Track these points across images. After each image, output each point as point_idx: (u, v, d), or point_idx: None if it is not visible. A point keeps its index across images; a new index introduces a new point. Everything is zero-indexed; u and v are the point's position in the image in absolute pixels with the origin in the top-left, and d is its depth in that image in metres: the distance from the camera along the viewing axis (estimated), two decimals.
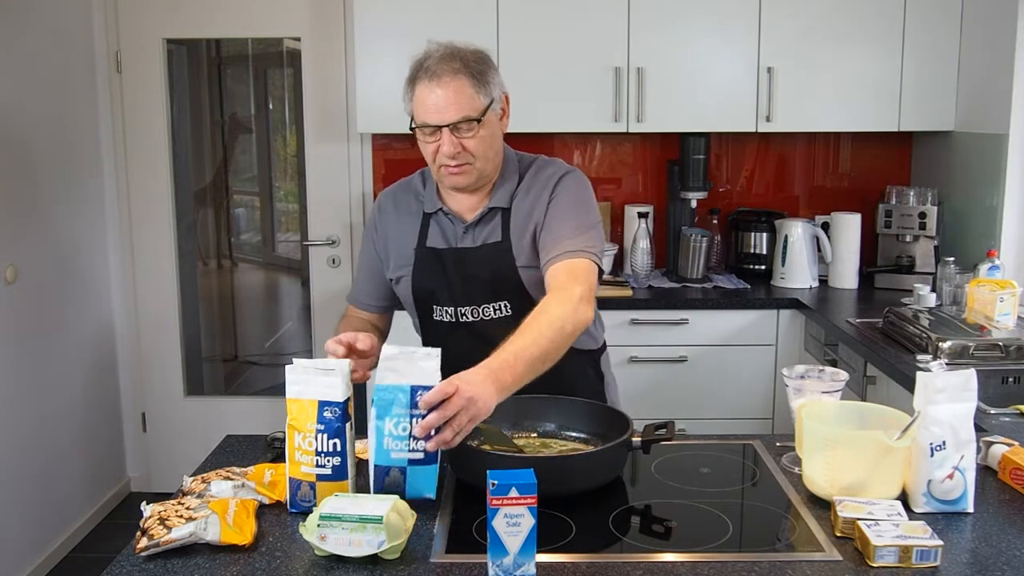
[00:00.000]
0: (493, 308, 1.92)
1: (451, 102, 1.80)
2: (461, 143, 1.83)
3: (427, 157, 1.89)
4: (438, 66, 1.80)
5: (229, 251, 4.38)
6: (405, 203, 2.03)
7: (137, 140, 3.98)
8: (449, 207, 1.96)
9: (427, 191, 2.01)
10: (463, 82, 1.80)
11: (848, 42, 3.52)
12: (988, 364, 2.46)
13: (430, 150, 1.86)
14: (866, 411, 1.68)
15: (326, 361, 1.53)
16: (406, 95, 1.86)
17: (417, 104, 1.83)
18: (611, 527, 1.53)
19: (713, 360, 3.41)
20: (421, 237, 1.97)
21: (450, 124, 1.81)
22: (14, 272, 3.30)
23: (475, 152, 1.85)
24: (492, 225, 1.93)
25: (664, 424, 1.70)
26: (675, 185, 3.78)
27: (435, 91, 1.79)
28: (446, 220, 1.96)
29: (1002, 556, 1.40)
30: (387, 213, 2.04)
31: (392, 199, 2.06)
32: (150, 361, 4.12)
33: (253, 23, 3.93)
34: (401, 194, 2.06)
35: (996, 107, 3.24)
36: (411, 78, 1.84)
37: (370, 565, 1.37)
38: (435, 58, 1.82)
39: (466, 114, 1.81)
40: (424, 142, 1.86)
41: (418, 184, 2.05)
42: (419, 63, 1.84)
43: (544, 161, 1.99)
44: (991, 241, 3.27)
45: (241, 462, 1.76)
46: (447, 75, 1.79)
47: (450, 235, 1.95)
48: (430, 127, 1.82)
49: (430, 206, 1.98)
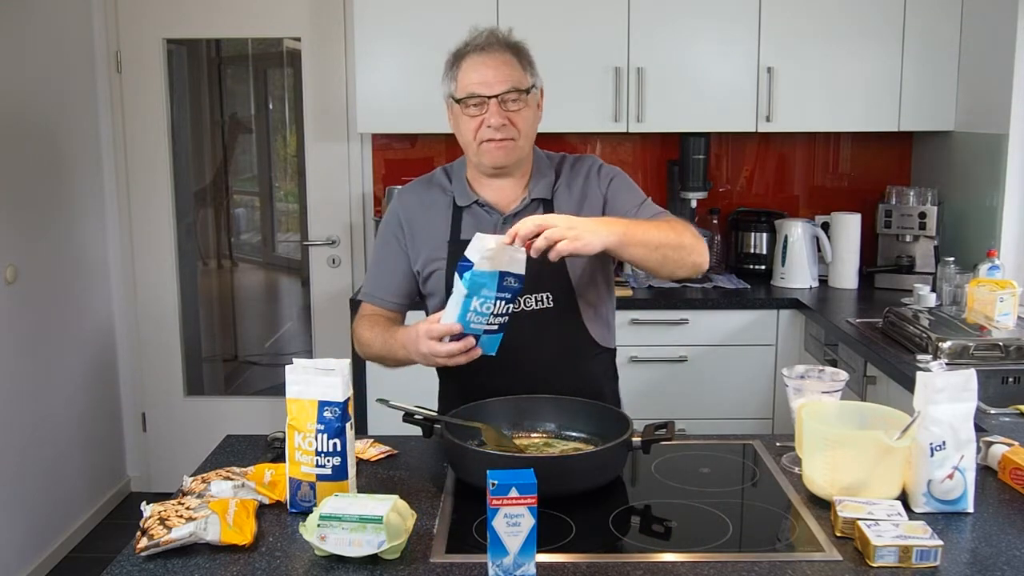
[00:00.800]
0: (535, 299, 1.91)
1: (500, 73, 1.84)
2: (508, 116, 1.84)
3: (467, 134, 1.89)
4: (485, 41, 1.87)
5: (229, 251, 4.38)
6: (430, 198, 2.01)
7: (137, 140, 3.98)
8: (485, 199, 1.95)
9: (455, 185, 2.00)
10: (511, 57, 1.87)
11: (848, 42, 3.52)
12: (988, 364, 2.46)
13: (473, 124, 1.86)
14: (866, 411, 1.68)
15: (326, 361, 1.53)
16: (448, 75, 1.89)
17: (463, 78, 1.86)
18: (611, 527, 1.53)
19: (713, 360, 3.41)
20: (454, 230, 1.95)
21: (499, 95, 1.83)
22: (14, 272, 3.30)
23: (519, 127, 1.87)
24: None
25: (664, 424, 1.70)
26: (675, 185, 3.78)
27: (485, 62, 1.85)
28: (482, 212, 1.95)
29: (1002, 556, 1.40)
30: (412, 209, 2.02)
31: (415, 195, 2.04)
32: (150, 361, 4.12)
33: (253, 23, 3.93)
34: (424, 190, 2.04)
35: (996, 107, 3.24)
36: (456, 56, 1.89)
37: (370, 565, 1.37)
38: (482, 36, 1.88)
39: (515, 84, 1.85)
40: (467, 116, 1.86)
41: (442, 179, 2.03)
42: (463, 44, 1.89)
43: (573, 157, 2.03)
44: (991, 241, 3.27)
45: (241, 462, 1.76)
46: (496, 49, 1.86)
47: (486, 226, 1.93)
48: (477, 97, 1.84)
49: (463, 199, 1.96)
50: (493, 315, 1.67)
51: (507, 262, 1.65)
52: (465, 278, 1.64)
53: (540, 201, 1.95)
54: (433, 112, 3.52)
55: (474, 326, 1.68)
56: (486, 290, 1.64)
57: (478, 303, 1.65)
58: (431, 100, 3.49)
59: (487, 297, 1.65)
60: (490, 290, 1.65)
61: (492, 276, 1.64)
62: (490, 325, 1.69)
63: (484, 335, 1.70)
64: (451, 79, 1.89)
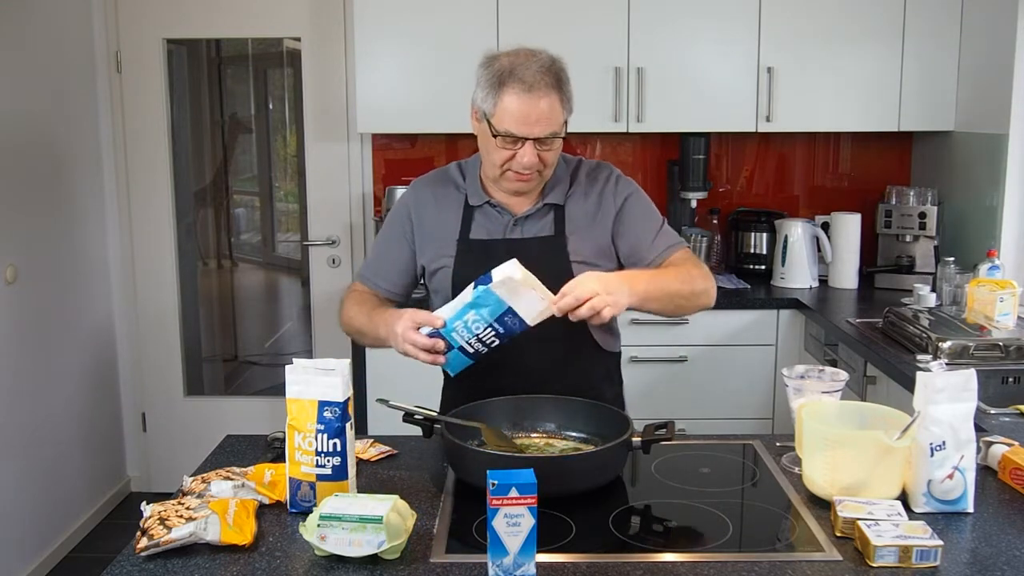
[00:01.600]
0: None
1: (543, 117, 1.79)
2: (540, 154, 1.82)
3: (494, 158, 1.85)
4: (533, 78, 1.77)
5: (229, 251, 4.38)
6: (444, 194, 2.01)
7: (137, 140, 3.98)
8: (497, 199, 1.95)
9: (469, 183, 1.99)
10: (554, 98, 1.79)
11: (848, 42, 3.52)
12: (988, 364, 2.46)
13: (502, 156, 1.83)
14: (866, 411, 1.68)
15: (326, 361, 1.53)
16: (488, 95, 1.81)
17: (502, 110, 1.79)
18: (611, 527, 1.53)
19: (713, 360, 3.41)
20: (464, 229, 1.95)
21: (536, 138, 1.80)
22: (14, 272, 3.30)
23: (548, 163, 1.86)
24: (544, 220, 1.94)
25: (664, 424, 1.70)
26: (675, 185, 3.78)
27: (528, 103, 1.77)
28: (493, 212, 1.95)
29: (1002, 556, 1.40)
30: (425, 204, 2.01)
31: (430, 190, 2.02)
32: (150, 361, 4.12)
33: (253, 23, 3.93)
34: (439, 185, 2.02)
35: (996, 107, 3.24)
36: (499, 78, 1.79)
37: (370, 565, 1.37)
38: (528, 68, 1.78)
39: (554, 130, 1.81)
40: (499, 147, 1.83)
41: (456, 176, 2.02)
42: (507, 68, 1.79)
43: (590, 163, 2.02)
44: (991, 241, 3.27)
45: (241, 462, 1.76)
46: (541, 89, 1.78)
47: (496, 227, 1.94)
48: (514, 137, 1.80)
49: (476, 198, 1.96)
50: (477, 338, 1.68)
51: (522, 304, 1.64)
52: (477, 289, 1.64)
53: (552, 207, 1.94)
54: (433, 112, 3.57)
55: (455, 335, 1.69)
56: (486, 311, 1.65)
57: (472, 317, 1.66)
58: (431, 100, 3.56)
59: (482, 318, 1.66)
60: (489, 315, 1.65)
61: (499, 304, 1.64)
62: (468, 345, 1.69)
63: (458, 350, 1.70)
64: (490, 99, 1.81)
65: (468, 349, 1.70)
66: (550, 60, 1.82)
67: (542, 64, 1.80)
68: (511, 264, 1.65)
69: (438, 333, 1.69)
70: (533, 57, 1.81)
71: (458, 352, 1.71)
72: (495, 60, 1.83)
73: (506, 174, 1.87)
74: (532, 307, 1.65)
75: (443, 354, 1.71)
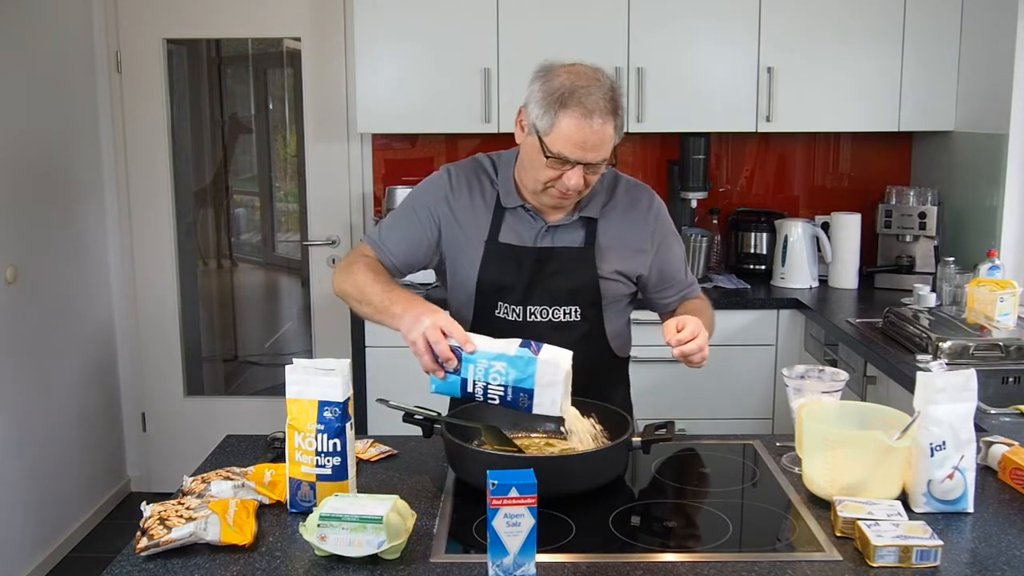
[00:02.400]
0: (564, 312, 1.91)
1: (599, 144, 1.75)
2: (586, 177, 1.80)
3: (538, 175, 1.81)
4: (595, 104, 1.73)
5: (229, 251, 4.38)
6: (479, 188, 1.95)
7: (137, 140, 3.98)
8: (531, 203, 1.91)
9: (502, 181, 1.94)
10: (611, 126, 1.76)
11: (848, 42, 3.52)
12: (988, 364, 2.46)
13: (549, 175, 1.79)
14: (866, 411, 1.68)
15: (326, 361, 1.53)
16: (545, 114, 1.75)
17: (558, 131, 1.74)
18: (611, 527, 1.53)
19: (713, 360, 3.36)
20: (493, 230, 1.92)
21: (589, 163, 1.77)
22: (14, 272, 3.30)
23: (591, 185, 1.84)
24: (576, 232, 1.92)
25: (664, 424, 1.70)
26: (675, 185, 3.78)
27: (586, 130, 1.73)
28: (527, 216, 1.92)
29: (1002, 556, 1.40)
30: (461, 195, 1.95)
31: (466, 181, 1.96)
32: (150, 361, 4.12)
33: (253, 23, 3.93)
34: (475, 177, 1.96)
35: (996, 107, 3.24)
36: (559, 101, 1.73)
37: (370, 565, 1.37)
38: (591, 92, 1.74)
39: (604, 157, 1.78)
40: (547, 167, 1.78)
41: (490, 170, 1.97)
42: (568, 89, 1.73)
43: (628, 180, 2.00)
44: (991, 241, 3.27)
45: (241, 462, 1.76)
46: (601, 116, 1.73)
47: (528, 232, 1.91)
48: (566, 159, 1.76)
49: (509, 200, 1.92)
50: (486, 386, 1.63)
51: (545, 394, 1.61)
52: (522, 350, 1.61)
53: (587, 220, 1.92)
54: (433, 112, 3.57)
55: (471, 368, 1.63)
56: (514, 374, 1.61)
57: (499, 368, 1.62)
58: (431, 100, 3.56)
59: (505, 377, 1.62)
60: (513, 380, 1.61)
61: (528, 379, 1.61)
62: (473, 383, 1.64)
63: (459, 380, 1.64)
64: (547, 118, 1.75)
65: (469, 387, 1.64)
66: (611, 85, 1.78)
67: (604, 90, 1.75)
68: (566, 355, 1.62)
69: (457, 353, 1.65)
70: (596, 81, 1.76)
71: (458, 381, 1.65)
72: (553, 76, 1.77)
73: (548, 191, 1.83)
74: (549, 403, 1.62)
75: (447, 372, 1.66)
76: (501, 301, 1.92)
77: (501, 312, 1.92)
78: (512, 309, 1.91)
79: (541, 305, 1.91)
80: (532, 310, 1.91)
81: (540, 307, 1.91)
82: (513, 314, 1.91)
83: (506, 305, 1.92)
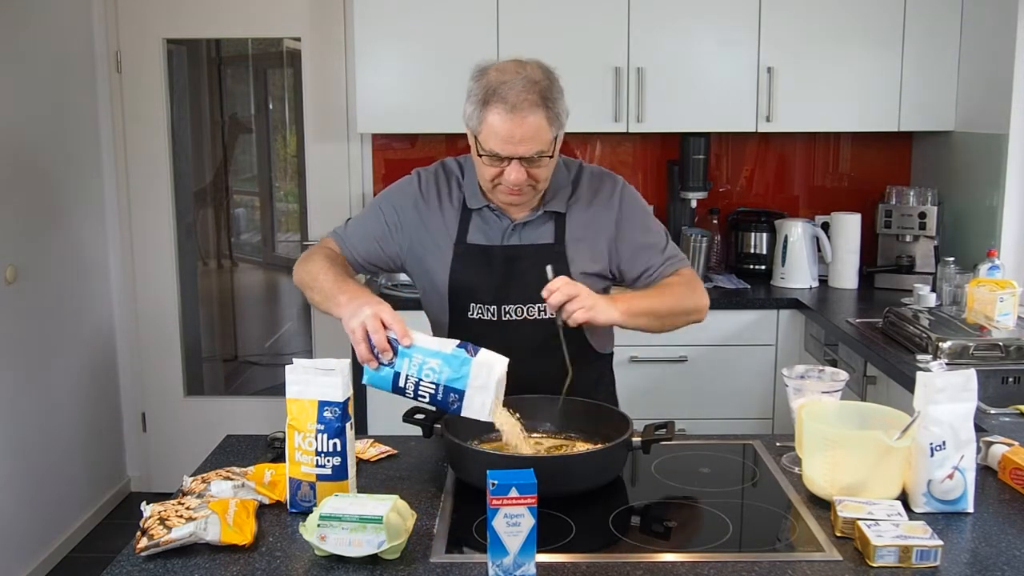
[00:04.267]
0: (538, 309, 1.90)
1: (526, 137, 1.75)
2: (529, 171, 1.79)
3: (482, 174, 1.84)
4: (516, 97, 1.73)
5: (229, 251, 4.38)
6: (447, 192, 1.97)
7: (137, 140, 3.98)
8: (496, 203, 1.92)
9: (467, 183, 1.95)
10: (539, 116, 1.75)
11: (848, 42, 3.52)
12: (988, 364, 2.46)
13: (490, 172, 1.81)
14: (866, 411, 1.68)
15: (326, 361, 1.54)
16: (474, 112, 1.78)
17: (487, 130, 1.76)
18: (611, 527, 1.53)
19: (713, 360, 3.40)
20: (461, 232, 1.93)
21: (522, 157, 1.77)
22: (14, 272, 3.30)
23: (539, 179, 1.83)
24: (544, 227, 1.92)
25: (664, 424, 1.70)
26: (675, 185, 3.78)
27: (511, 123, 1.74)
28: (492, 216, 1.92)
29: (1002, 556, 1.40)
30: (430, 199, 1.97)
31: (435, 185, 1.98)
32: (150, 361, 4.12)
33: (253, 23, 3.93)
34: (443, 182, 1.98)
35: (996, 107, 3.24)
36: (483, 99, 1.76)
37: (370, 565, 1.37)
38: (512, 86, 1.74)
39: (540, 149, 1.77)
40: (485, 165, 1.81)
41: (457, 173, 1.99)
42: (491, 85, 1.75)
43: (592, 170, 1.99)
44: (991, 241, 3.27)
45: (241, 462, 1.76)
46: (524, 109, 1.73)
47: (495, 231, 1.92)
48: (497, 155, 1.77)
49: (474, 202, 1.93)
50: (417, 382, 1.60)
51: (475, 398, 1.59)
52: (458, 351, 1.60)
53: (553, 214, 1.93)
54: (433, 112, 3.57)
55: (404, 362, 1.61)
56: (447, 373, 1.59)
57: (433, 365, 1.60)
58: (431, 100, 3.55)
59: (437, 375, 1.60)
60: (445, 378, 1.60)
61: (460, 380, 1.59)
62: (405, 379, 1.61)
63: (392, 374, 1.62)
64: (475, 117, 1.79)
65: (401, 382, 1.62)
66: (537, 76, 1.77)
67: (528, 82, 1.75)
68: (503, 362, 1.61)
69: (394, 346, 1.63)
70: (519, 74, 1.76)
71: (391, 375, 1.62)
72: (484, 75, 1.80)
73: (497, 188, 1.84)
74: (478, 406, 1.60)
75: (381, 364, 1.63)
76: (474, 302, 1.92)
77: (475, 313, 1.92)
78: (487, 309, 1.92)
79: (516, 304, 1.91)
80: (507, 309, 1.91)
81: (515, 306, 1.91)
82: (488, 314, 1.92)
83: (480, 306, 1.92)
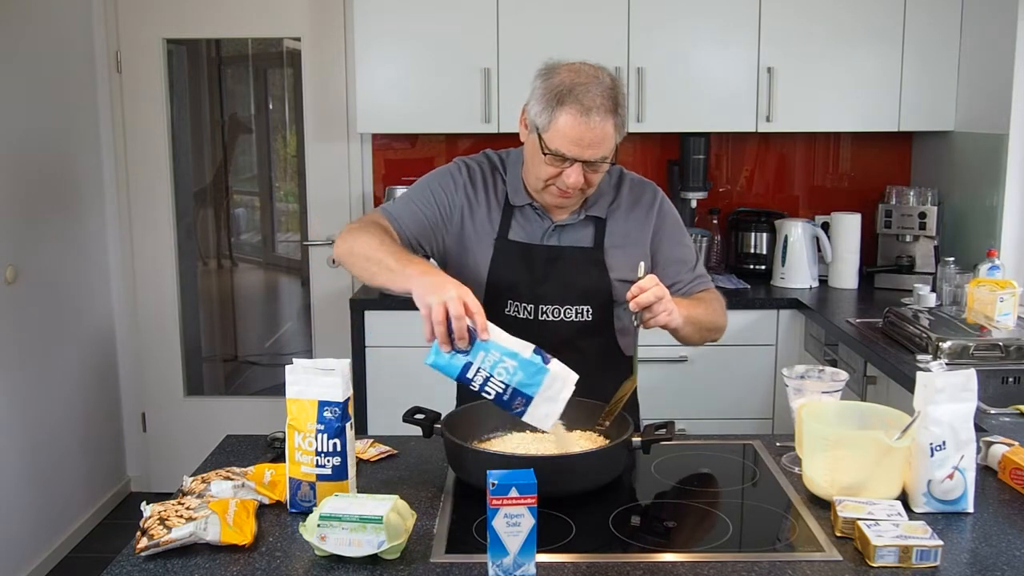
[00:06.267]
0: (576, 311, 1.91)
1: (596, 142, 1.75)
2: (587, 175, 1.80)
3: (538, 173, 1.82)
4: (592, 101, 1.72)
5: (229, 251, 4.38)
6: (492, 185, 1.95)
7: (137, 140, 3.98)
8: (540, 203, 1.91)
9: (511, 179, 1.95)
10: (610, 124, 1.75)
11: (848, 42, 3.52)
12: (988, 364, 2.46)
13: (548, 172, 1.79)
14: (866, 411, 1.68)
15: (326, 361, 1.53)
16: (544, 110, 1.76)
17: (557, 130, 1.74)
18: (611, 527, 1.53)
19: (713, 360, 3.40)
20: (503, 228, 1.93)
21: (587, 161, 1.77)
22: (14, 272, 3.30)
23: (592, 184, 1.83)
24: (584, 231, 1.92)
25: (664, 424, 1.70)
26: (675, 185, 3.78)
27: (583, 126, 1.73)
28: (534, 215, 1.92)
29: (1002, 556, 1.40)
30: (477, 189, 1.95)
31: (481, 175, 1.96)
32: (150, 361, 4.12)
33: (253, 23, 3.93)
34: (488, 175, 1.96)
35: (996, 107, 3.24)
36: (558, 95, 1.74)
37: (370, 565, 1.37)
38: (588, 89, 1.73)
39: (604, 155, 1.78)
40: (546, 164, 1.79)
41: (500, 167, 1.98)
42: (567, 86, 1.74)
43: (633, 178, 2.00)
44: (991, 241, 3.27)
45: (241, 462, 1.76)
46: (599, 114, 1.73)
47: (535, 230, 1.92)
48: (564, 156, 1.76)
49: (517, 198, 1.93)
50: (487, 377, 1.59)
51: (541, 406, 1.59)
52: (535, 357, 1.59)
53: (593, 219, 1.93)
54: (433, 112, 3.57)
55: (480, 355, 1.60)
56: (520, 376, 1.58)
57: (508, 365, 1.59)
58: (431, 100, 3.56)
59: (510, 375, 1.59)
60: (517, 381, 1.59)
61: (532, 387, 1.58)
62: (476, 371, 1.60)
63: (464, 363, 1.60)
64: (545, 115, 1.76)
65: (470, 373, 1.60)
66: (611, 83, 1.77)
67: (603, 87, 1.75)
68: (573, 378, 1.61)
69: (472, 336, 1.61)
70: (595, 78, 1.76)
71: (461, 363, 1.60)
72: (555, 73, 1.77)
73: (549, 188, 1.83)
74: (542, 415, 1.61)
75: (454, 349, 1.60)
76: (512, 299, 1.92)
77: (511, 310, 1.92)
78: (523, 307, 1.92)
79: (553, 304, 1.91)
80: (544, 309, 1.91)
81: (552, 306, 1.91)
82: (524, 312, 1.92)
83: (516, 303, 1.92)
